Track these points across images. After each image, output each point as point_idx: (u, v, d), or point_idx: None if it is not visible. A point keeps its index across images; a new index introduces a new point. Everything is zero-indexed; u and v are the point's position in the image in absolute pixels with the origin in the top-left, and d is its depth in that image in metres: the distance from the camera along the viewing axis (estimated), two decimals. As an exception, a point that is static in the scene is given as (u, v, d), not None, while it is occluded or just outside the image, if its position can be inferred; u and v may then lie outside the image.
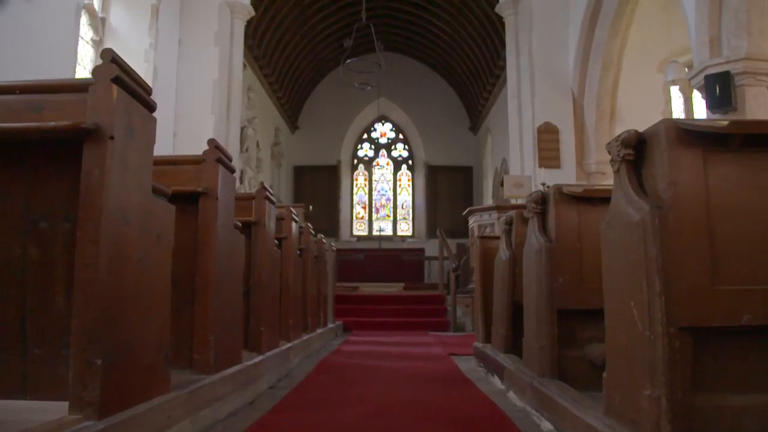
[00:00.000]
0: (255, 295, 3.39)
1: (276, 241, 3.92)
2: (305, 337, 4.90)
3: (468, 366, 4.37)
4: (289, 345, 4.13)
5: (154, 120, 1.95)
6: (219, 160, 2.57)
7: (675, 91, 9.54)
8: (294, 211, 4.42)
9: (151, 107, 1.92)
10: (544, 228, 2.83)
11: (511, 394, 3.13)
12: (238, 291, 2.91)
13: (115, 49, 1.79)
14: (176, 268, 2.59)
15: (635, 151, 1.76)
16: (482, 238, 4.64)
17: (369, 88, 11.51)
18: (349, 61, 10.31)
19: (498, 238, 4.36)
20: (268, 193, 3.46)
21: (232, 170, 2.76)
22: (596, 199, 2.69)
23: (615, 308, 1.81)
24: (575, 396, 2.19)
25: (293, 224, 4.39)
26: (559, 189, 2.73)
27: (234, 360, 2.80)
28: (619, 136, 1.77)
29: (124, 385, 1.69)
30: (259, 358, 3.24)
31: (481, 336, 4.42)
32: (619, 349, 1.77)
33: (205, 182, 2.54)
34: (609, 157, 1.86)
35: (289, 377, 3.83)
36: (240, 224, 2.95)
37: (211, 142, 2.58)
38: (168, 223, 2.04)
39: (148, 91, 1.91)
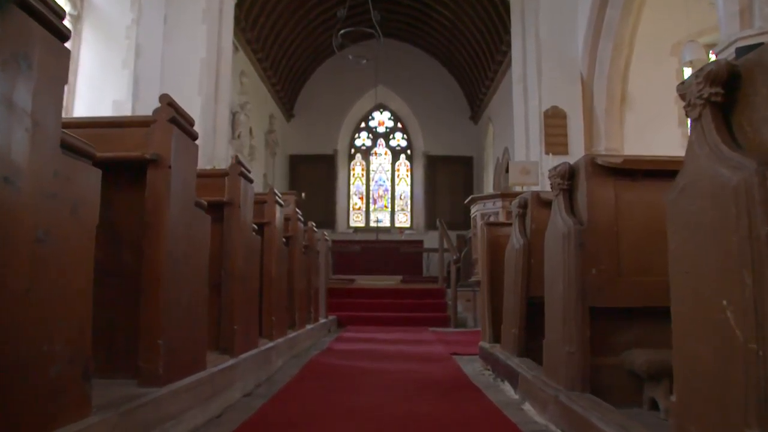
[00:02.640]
0: (228, 289, 2.90)
1: (256, 227, 3.43)
2: (291, 335, 4.41)
3: (473, 369, 3.89)
4: (272, 344, 3.64)
5: (67, 53, 1.45)
6: (173, 121, 2.07)
7: (688, 75, 9.04)
8: (278, 194, 3.91)
9: (62, 35, 1.42)
10: (572, 208, 2.34)
11: (528, 407, 2.65)
12: (202, 283, 2.41)
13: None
14: (122, 255, 2.11)
15: (724, 91, 1.27)
16: (489, 224, 4.14)
17: (365, 61, 10.99)
18: (343, 31, 9.78)
19: (508, 224, 3.87)
20: (243, 168, 2.96)
21: (192, 136, 2.26)
22: (638, 172, 2.20)
23: (692, 309, 1.32)
24: (622, 421, 1.70)
25: (277, 208, 3.88)
26: (592, 159, 2.23)
27: (195, 366, 2.31)
28: (701, 69, 1.28)
29: (6, 416, 1.20)
30: (231, 362, 2.75)
31: (488, 335, 3.93)
32: (699, 365, 1.28)
33: (154, 147, 2.03)
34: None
35: (270, 382, 3.35)
36: (205, 203, 2.45)
37: (164, 98, 2.07)
38: (90, 193, 1.53)
39: (58, 13, 1.41)
